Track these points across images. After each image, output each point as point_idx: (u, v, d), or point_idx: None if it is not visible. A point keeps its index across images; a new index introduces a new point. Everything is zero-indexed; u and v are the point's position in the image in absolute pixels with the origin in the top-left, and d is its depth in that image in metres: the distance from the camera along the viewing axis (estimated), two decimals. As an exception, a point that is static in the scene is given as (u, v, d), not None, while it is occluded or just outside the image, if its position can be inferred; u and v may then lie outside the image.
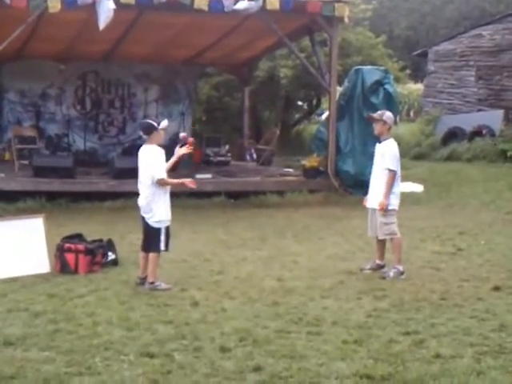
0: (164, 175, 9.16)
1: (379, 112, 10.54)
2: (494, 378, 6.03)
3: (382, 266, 10.17)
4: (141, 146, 9.41)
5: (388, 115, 10.26)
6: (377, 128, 10.24)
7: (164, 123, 9.38)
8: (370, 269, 10.18)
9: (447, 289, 9.11)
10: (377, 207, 10.06)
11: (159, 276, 9.30)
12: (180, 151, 9.54)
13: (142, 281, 9.25)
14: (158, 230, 9.18)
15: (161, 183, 9.14)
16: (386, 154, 10.06)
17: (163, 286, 9.10)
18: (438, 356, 6.55)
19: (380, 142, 10.27)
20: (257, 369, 6.22)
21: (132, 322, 7.53)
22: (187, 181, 9.49)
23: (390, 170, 10.01)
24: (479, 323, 7.60)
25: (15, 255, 9.79)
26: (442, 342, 6.97)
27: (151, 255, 9.20)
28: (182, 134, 17.24)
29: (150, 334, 7.16)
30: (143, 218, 9.32)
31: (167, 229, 9.26)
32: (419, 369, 6.24)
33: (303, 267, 10.46)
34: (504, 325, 7.45)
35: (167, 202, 9.29)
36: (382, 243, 10.27)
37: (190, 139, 10.01)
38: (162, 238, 9.18)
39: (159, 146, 9.30)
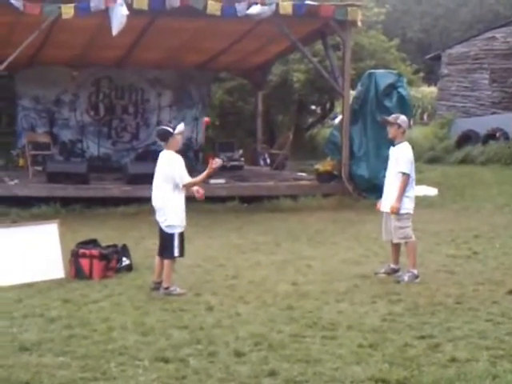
0: (189, 179, 9.25)
1: (394, 115, 10.53)
2: (510, 382, 6.00)
3: (396, 270, 10.13)
4: (154, 151, 9.46)
5: (402, 119, 10.24)
6: (391, 132, 10.22)
7: (180, 127, 9.39)
8: (384, 273, 10.15)
9: (462, 292, 9.07)
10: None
11: (174, 281, 9.30)
12: (215, 162, 9.44)
13: (157, 285, 9.25)
14: (172, 235, 9.16)
15: (188, 186, 9.26)
16: (400, 158, 10.04)
17: (178, 290, 9.10)
18: (453, 360, 6.52)
19: (394, 146, 10.25)
20: (272, 373, 6.21)
21: (147, 327, 7.53)
22: (199, 190, 9.51)
23: (404, 174, 9.98)
24: (495, 327, 7.56)
25: (30, 261, 9.82)
26: (458, 345, 6.94)
27: (166, 261, 9.20)
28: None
29: (164, 339, 7.16)
30: (158, 222, 9.33)
31: (181, 235, 9.23)
32: (435, 373, 6.21)
33: (317, 271, 10.44)
34: (520, 328, 7.43)
35: (181, 208, 9.26)
36: (396, 247, 10.24)
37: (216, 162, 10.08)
38: (176, 243, 9.14)
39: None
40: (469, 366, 6.39)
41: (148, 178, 9.66)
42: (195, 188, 9.47)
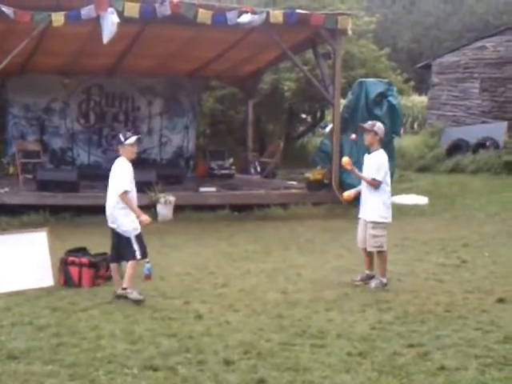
0: (127, 188, 9.13)
1: (370, 122, 10.44)
2: (499, 390, 6.03)
3: (372, 277, 10.14)
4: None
5: (379, 126, 10.19)
6: (367, 138, 10.18)
7: (131, 139, 9.30)
8: (360, 280, 10.17)
9: (452, 301, 9.09)
10: (368, 219, 10.04)
11: (159, 289, 9.29)
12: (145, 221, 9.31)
13: (120, 295, 9.23)
14: (128, 239, 9.16)
15: (122, 197, 9.11)
16: (375, 165, 10.02)
17: (135, 294, 9.04)
18: (442, 368, 6.54)
19: (369, 153, 10.23)
20: (261, 382, 6.22)
21: (136, 336, 7.52)
22: (145, 218, 9.21)
23: (375, 180, 9.97)
24: (484, 335, 7.58)
25: (19, 269, 9.79)
26: (447, 354, 6.96)
27: (130, 263, 9.17)
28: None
29: (153, 347, 7.15)
30: (112, 228, 9.30)
31: (138, 237, 9.21)
32: (424, 381, 6.23)
33: (307, 280, 10.45)
34: (508, 337, 7.44)
35: (131, 213, 9.21)
36: (369, 253, 10.24)
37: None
38: (135, 246, 9.14)
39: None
40: (458, 374, 6.41)
41: (138, 186, 9.64)
42: (140, 219, 9.19)
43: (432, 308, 8.72)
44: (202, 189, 18.46)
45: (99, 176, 21.10)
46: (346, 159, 10.45)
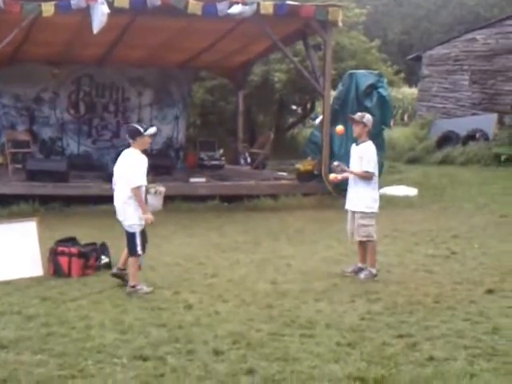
0: (142, 182, 9.13)
1: (359, 114, 10.43)
2: (487, 381, 6.04)
3: (363, 269, 10.15)
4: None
5: (368, 117, 10.20)
6: (356, 130, 10.19)
7: (151, 130, 9.38)
8: (351, 272, 10.17)
9: (441, 292, 9.12)
10: (355, 210, 10.06)
11: (148, 279, 9.29)
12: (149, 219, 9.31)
13: (119, 270, 9.34)
14: (133, 234, 9.18)
15: (135, 191, 9.09)
16: (365, 157, 10.03)
17: (145, 289, 9.10)
18: (431, 359, 6.56)
19: (357, 144, 10.23)
20: (250, 371, 6.22)
21: (125, 325, 7.53)
22: (149, 217, 9.21)
23: (367, 172, 9.99)
24: (472, 326, 7.61)
25: (8, 258, 9.79)
26: (436, 344, 6.98)
27: (130, 259, 9.19)
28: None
29: (143, 337, 7.16)
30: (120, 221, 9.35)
31: (142, 232, 9.25)
32: (412, 371, 6.25)
33: (297, 270, 10.46)
34: (497, 327, 7.46)
35: (139, 208, 9.21)
36: (363, 246, 10.25)
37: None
38: (138, 241, 9.16)
39: (148, 149, 9.31)
40: (446, 364, 6.42)
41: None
42: (144, 216, 9.22)
43: (421, 299, 8.74)
44: (192, 179, 18.46)
45: (89, 166, 21.27)
46: (340, 127, 10.51)
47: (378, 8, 47.96)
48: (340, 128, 10.83)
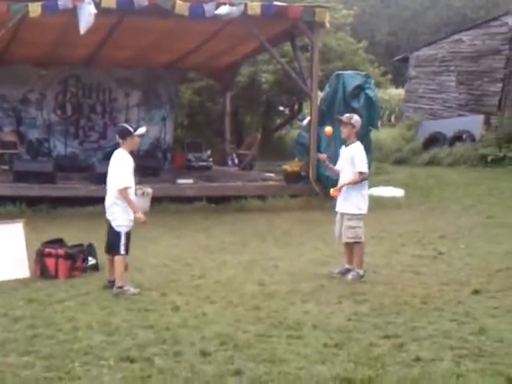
0: (128, 184, 9.13)
1: (347, 115, 10.43)
2: (474, 381, 6.06)
3: (350, 271, 10.15)
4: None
5: (356, 119, 10.22)
6: (344, 132, 10.19)
7: (141, 130, 9.39)
8: (338, 273, 10.17)
9: (428, 292, 9.13)
10: (345, 211, 10.07)
11: (135, 281, 9.28)
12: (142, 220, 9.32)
13: (110, 284, 9.26)
14: (119, 233, 9.18)
15: (122, 193, 9.09)
16: (356, 158, 10.05)
17: (132, 290, 9.08)
18: (418, 359, 6.56)
19: (347, 146, 10.25)
20: (237, 373, 6.22)
21: (112, 327, 7.51)
22: (141, 217, 9.23)
23: (362, 173, 10.01)
24: (459, 326, 7.62)
25: (-5, 260, 9.75)
26: (422, 345, 6.99)
27: (117, 258, 9.19)
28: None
29: (130, 338, 7.14)
30: (108, 220, 9.31)
31: (128, 234, 9.24)
32: (399, 372, 6.25)
33: (284, 271, 10.46)
34: (483, 328, 7.47)
35: (128, 209, 9.22)
36: (349, 247, 10.25)
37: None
38: (122, 241, 9.16)
39: (135, 150, 9.29)
40: (433, 365, 6.43)
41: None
42: (136, 216, 9.23)
43: (408, 299, 8.75)
44: (180, 181, 18.45)
45: (76, 167, 21.22)
46: (328, 128, 10.54)
47: (366, 9, 48.04)
48: (328, 129, 10.86)
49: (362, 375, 6.13)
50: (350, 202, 10.06)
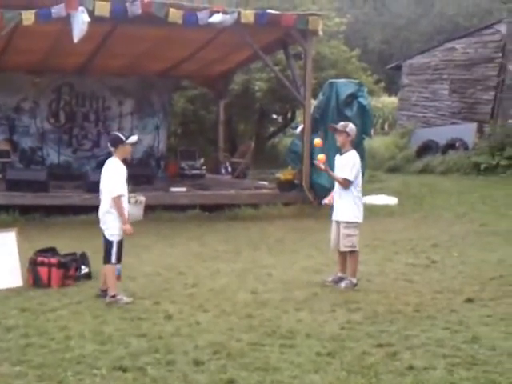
0: (121, 192, 9.13)
1: (342, 123, 10.44)
2: (467, 390, 6.07)
3: (343, 279, 10.15)
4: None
5: (351, 127, 10.23)
6: (339, 140, 10.20)
7: (132, 139, 9.40)
8: (331, 281, 10.17)
9: (421, 301, 9.13)
10: (340, 219, 10.07)
11: (129, 289, 9.26)
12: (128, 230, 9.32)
13: (103, 293, 9.24)
14: (111, 242, 9.19)
15: (115, 201, 9.09)
16: (347, 165, 10.05)
17: (124, 299, 9.07)
18: (411, 368, 6.56)
19: (341, 154, 10.25)
20: (230, 382, 6.21)
21: (105, 336, 7.49)
22: (128, 228, 9.17)
23: (346, 180, 9.99)
24: (452, 335, 7.62)
25: (-13, 269, 9.72)
26: (416, 353, 6.98)
27: (107, 267, 9.19)
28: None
29: (122, 347, 7.13)
30: (102, 230, 9.32)
31: (119, 242, 9.24)
32: (392, 381, 6.25)
33: (277, 280, 10.45)
34: (476, 336, 7.48)
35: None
36: (343, 255, 10.25)
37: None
38: (114, 250, 9.17)
39: (129, 158, 9.28)
40: (426, 373, 6.43)
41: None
42: (124, 227, 9.21)
43: (401, 308, 8.75)
44: (173, 189, 18.44)
45: (69, 176, 21.19)
46: (321, 156, 10.50)
47: (359, 17, 48.11)
48: (317, 141, 10.86)
49: (355, 384, 6.13)
50: (346, 210, 10.06)
